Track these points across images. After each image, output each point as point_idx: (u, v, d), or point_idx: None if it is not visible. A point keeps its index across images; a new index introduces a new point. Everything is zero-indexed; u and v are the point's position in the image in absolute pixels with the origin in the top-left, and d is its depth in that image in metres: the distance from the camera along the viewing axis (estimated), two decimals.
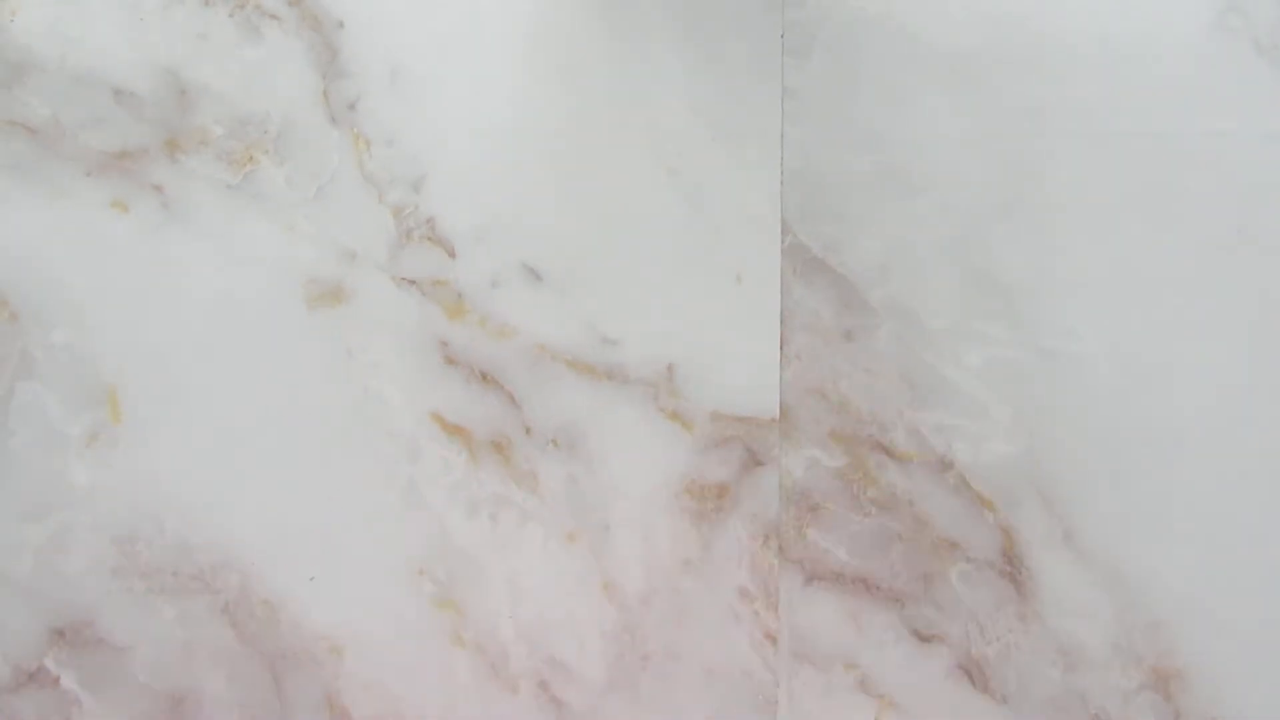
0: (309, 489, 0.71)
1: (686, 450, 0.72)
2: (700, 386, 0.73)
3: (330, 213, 0.73)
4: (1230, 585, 0.69)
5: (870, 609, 0.71)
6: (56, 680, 0.68)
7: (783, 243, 0.74)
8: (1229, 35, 0.74)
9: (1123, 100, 0.74)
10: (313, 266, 0.73)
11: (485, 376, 0.73)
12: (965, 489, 0.71)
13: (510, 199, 0.74)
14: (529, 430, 0.72)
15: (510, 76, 0.75)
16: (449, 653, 0.70)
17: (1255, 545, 0.70)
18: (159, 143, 0.73)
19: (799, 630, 0.71)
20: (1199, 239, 0.72)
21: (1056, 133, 0.74)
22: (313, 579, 0.70)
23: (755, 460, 0.72)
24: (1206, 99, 0.73)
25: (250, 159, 0.73)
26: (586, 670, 0.70)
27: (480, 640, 0.70)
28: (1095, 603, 0.70)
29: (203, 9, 0.74)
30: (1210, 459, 0.70)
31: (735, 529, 0.72)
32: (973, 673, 0.70)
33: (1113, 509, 0.70)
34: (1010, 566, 0.71)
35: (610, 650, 0.70)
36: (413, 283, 0.73)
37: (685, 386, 0.73)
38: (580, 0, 0.76)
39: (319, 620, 0.70)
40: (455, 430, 0.72)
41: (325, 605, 0.70)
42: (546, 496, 0.72)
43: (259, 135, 0.74)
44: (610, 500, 0.72)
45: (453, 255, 0.73)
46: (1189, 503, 0.70)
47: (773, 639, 0.71)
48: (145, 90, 0.73)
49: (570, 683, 0.70)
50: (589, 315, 0.73)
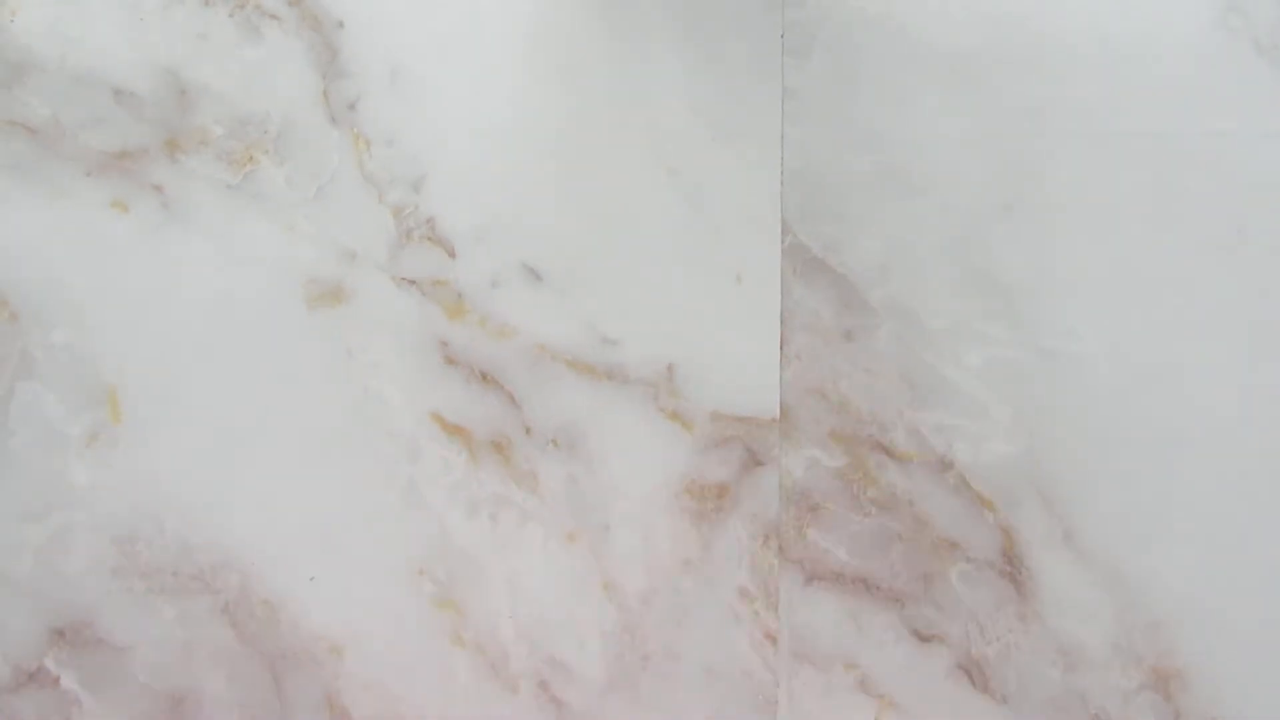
0: (309, 489, 0.71)
1: (686, 450, 0.72)
2: (700, 386, 0.73)
3: (330, 213, 0.73)
4: (1230, 585, 0.69)
5: (870, 609, 0.71)
6: (56, 680, 0.68)
7: (783, 243, 0.74)
8: (1229, 35, 0.74)
9: (1123, 100, 0.74)
10: (313, 266, 0.73)
11: (485, 376, 0.73)
12: (965, 489, 0.71)
13: (510, 199, 0.74)
14: (529, 430, 0.72)
15: (510, 76, 0.75)
16: (449, 653, 0.70)
17: (1255, 545, 0.70)
18: (159, 143, 0.73)
19: (799, 630, 0.71)
20: (1199, 239, 0.72)
21: (1056, 133, 0.74)
22: (313, 579, 0.70)
23: (755, 460, 0.72)
24: (1206, 99, 0.73)
25: (250, 159, 0.73)
26: (586, 670, 0.70)
27: (480, 640, 0.70)
28: (1095, 603, 0.70)
29: (203, 9, 0.74)
30: (1210, 459, 0.70)
31: (735, 529, 0.72)
32: (973, 673, 0.70)
33: (1113, 509, 0.70)
34: (1010, 566, 0.71)
35: (610, 650, 0.70)
36: (413, 283, 0.73)
37: (685, 386, 0.73)
38: (580, 0, 0.76)
39: (319, 620, 0.70)
40: (455, 430, 0.72)
41: (325, 605, 0.70)
42: (546, 496, 0.72)
43: (259, 135, 0.74)
44: (610, 500, 0.72)
45: (453, 255, 0.73)
46: (1189, 503, 0.70)
47: (773, 639, 0.71)
48: (145, 90, 0.73)
49: (570, 683, 0.70)
50: (589, 315, 0.73)
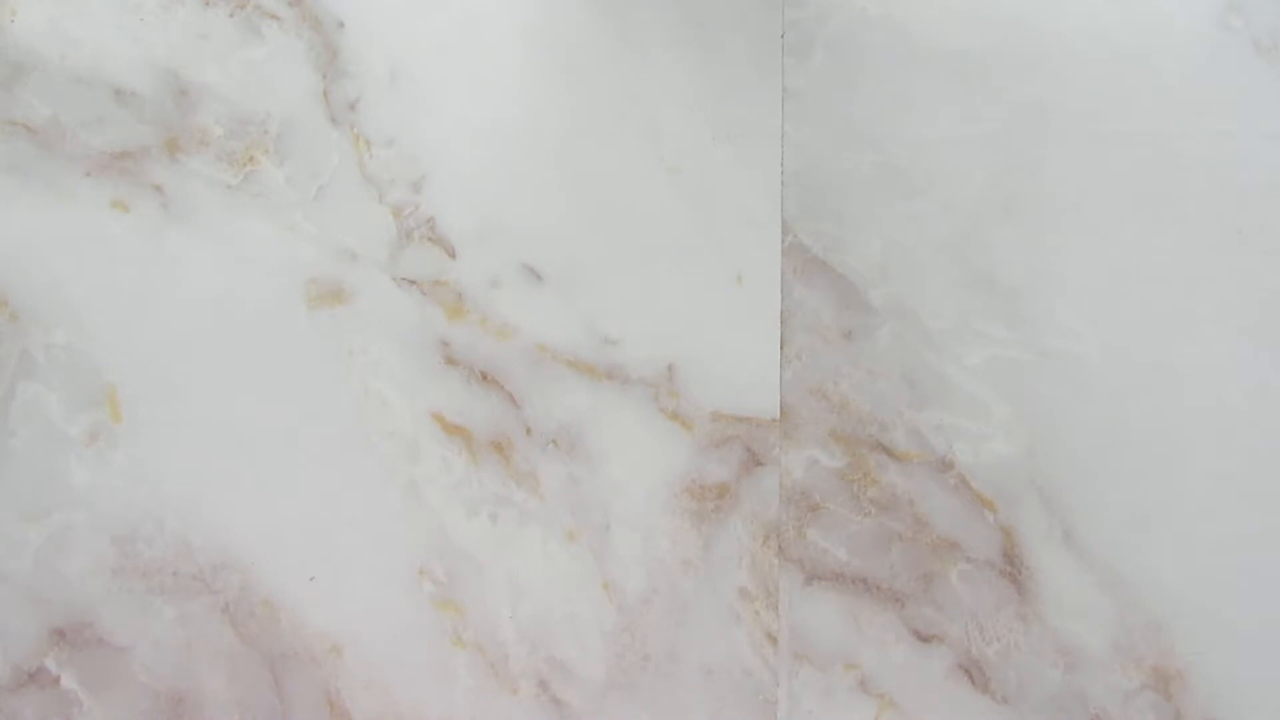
0: (309, 489, 0.71)
1: (686, 450, 0.72)
2: (700, 386, 0.73)
3: (330, 213, 0.73)
4: (1230, 585, 0.69)
5: (870, 609, 0.71)
6: (57, 680, 0.68)
7: (783, 243, 0.74)
8: (1229, 35, 0.74)
9: (1123, 100, 0.74)
10: (313, 266, 0.73)
11: (485, 376, 0.73)
12: (965, 489, 0.71)
13: (510, 199, 0.74)
14: (529, 430, 0.72)
15: (510, 77, 0.75)
16: (449, 653, 0.70)
17: (1255, 545, 0.70)
18: (159, 143, 0.73)
19: (799, 630, 0.71)
20: (1199, 239, 0.72)
21: (1056, 133, 0.74)
22: (313, 579, 0.70)
23: (755, 460, 0.72)
24: (1206, 99, 0.73)
25: (250, 159, 0.73)
26: (586, 670, 0.70)
27: (480, 640, 0.70)
28: (1095, 603, 0.70)
29: (203, 9, 0.74)
30: (1210, 459, 0.70)
31: (735, 529, 0.72)
32: (973, 673, 0.70)
33: (1113, 509, 0.70)
34: (1010, 566, 0.71)
35: (610, 650, 0.70)
36: (413, 283, 0.73)
37: (685, 386, 0.73)
38: (580, 0, 0.76)
39: (319, 620, 0.70)
40: (455, 430, 0.72)
41: (325, 605, 0.70)
42: (546, 496, 0.72)
43: (259, 135, 0.74)
44: (610, 500, 0.72)
45: (453, 255, 0.73)
46: (1189, 503, 0.70)
47: (773, 639, 0.71)
48: (146, 90, 0.73)
49: (570, 683, 0.70)
50: (589, 315, 0.73)
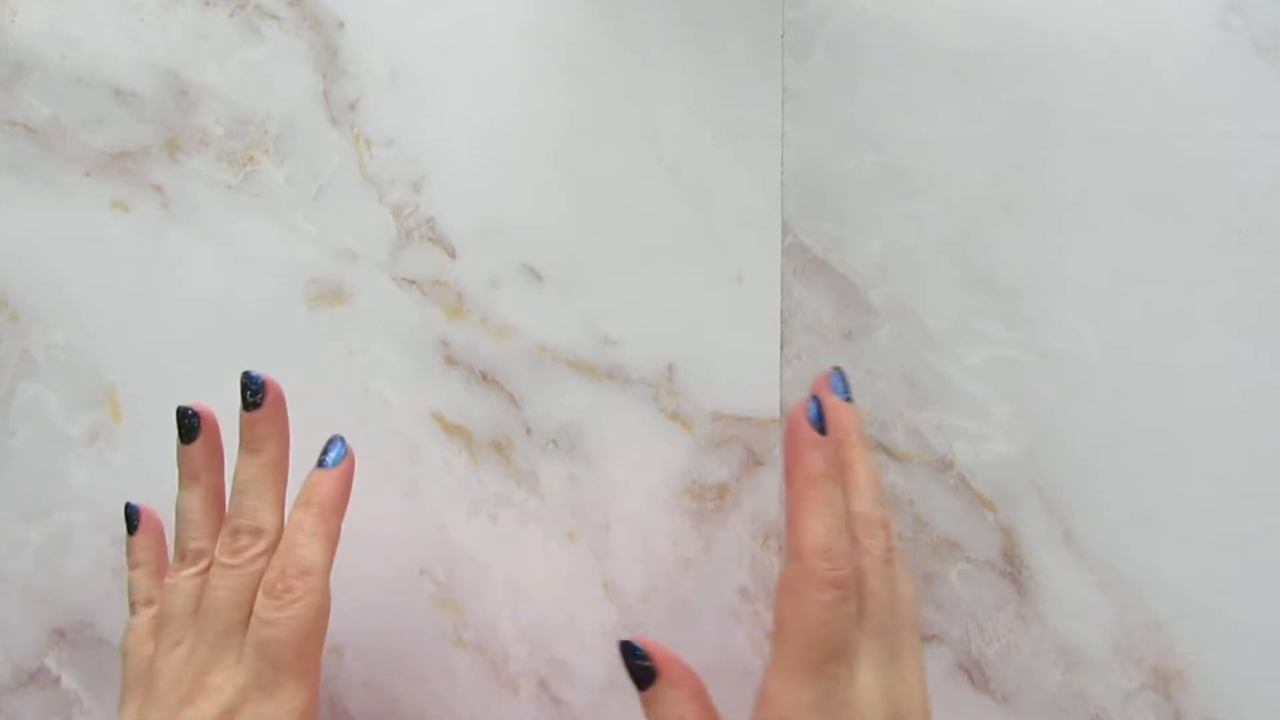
0: None
1: (687, 450, 0.72)
2: (700, 386, 0.73)
3: (330, 213, 0.73)
4: (1230, 585, 0.69)
5: None
6: (57, 680, 0.68)
7: (783, 243, 0.74)
8: (1229, 35, 0.74)
9: (1123, 100, 0.74)
10: (313, 266, 0.73)
11: (485, 376, 0.73)
12: (965, 489, 0.71)
13: (511, 199, 0.74)
14: (529, 430, 0.72)
15: (510, 76, 0.75)
16: (449, 653, 0.70)
17: (1255, 545, 0.70)
18: (159, 143, 0.73)
19: None
20: (1199, 239, 0.72)
21: (1056, 133, 0.74)
22: None
23: (755, 460, 0.72)
24: (1206, 99, 0.73)
25: (250, 159, 0.73)
26: (586, 670, 0.70)
27: (480, 640, 0.70)
28: (1095, 603, 0.70)
29: (203, 9, 0.74)
30: (1210, 459, 0.70)
31: (735, 529, 0.72)
32: (973, 673, 0.70)
33: (1113, 509, 0.70)
34: (1010, 566, 0.71)
35: (610, 650, 0.70)
36: (413, 283, 0.73)
37: (685, 386, 0.73)
38: (580, 1, 0.76)
39: None
40: (455, 430, 0.72)
41: None
42: (547, 496, 0.72)
43: (259, 135, 0.74)
44: (610, 500, 0.72)
45: (453, 255, 0.73)
46: (1189, 503, 0.70)
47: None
48: (146, 90, 0.73)
49: (570, 683, 0.70)
50: (589, 315, 0.73)
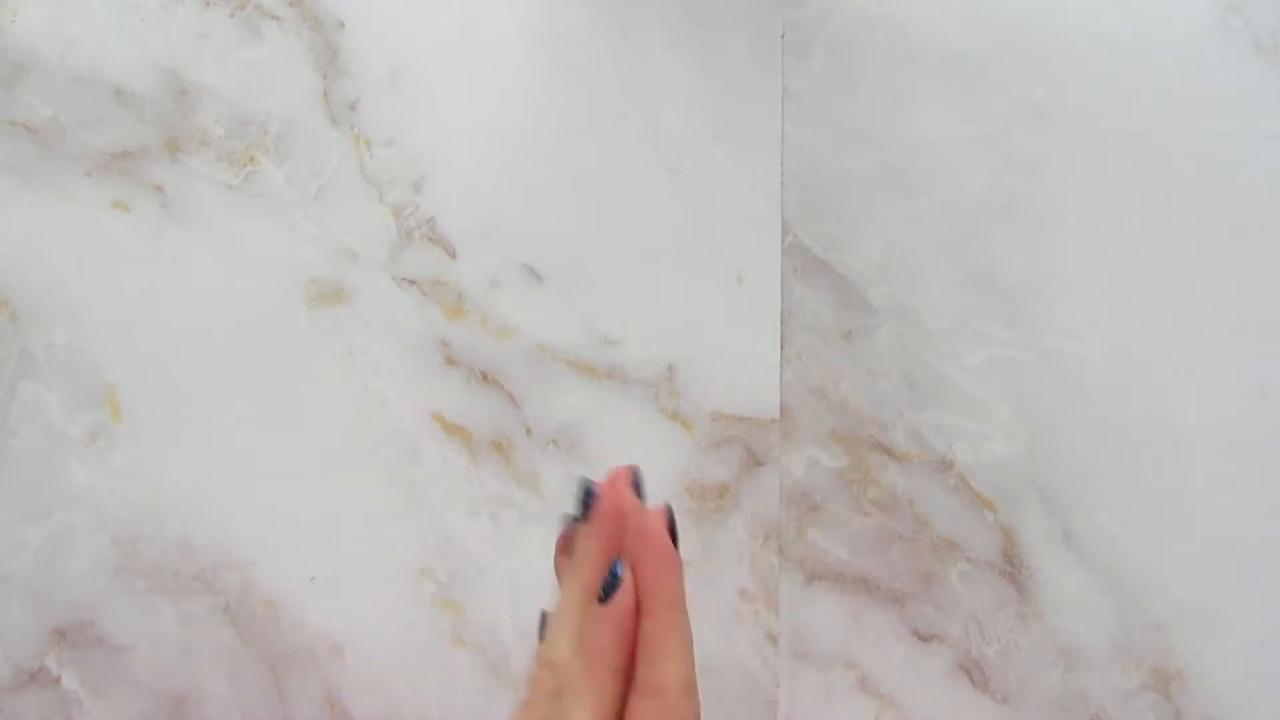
0: (309, 489, 0.71)
1: (687, 450, 0.72)
2: (700, 386, 0.73)
3: (331, 213, 0.73)
4: (1230, 585, 0.69)
5: (870, 609, 0.71)
6: (57, 680, 0.68)
7: (783, 243, 0.74)
8: (1229, 35, 0.74)
9: (1123, 100, 0.74)
10: (313, 266, 0.73)
11: (485, 376, 0.73)
12: (965, 489, 0.71)
13: (511, 199, 0.74)
14: (529, 430, 0.72)
15: (510, 76, 0.75)
16: (449, 653, 0.70)
17: (1255, 545, 0.70)
18: (159, 143, 0.73)
19: (799, 630, 0.71)
20: (1199, 239, 0.72)
21: (1056, 133, 0.74)
22: (313, 579, 0.70)
23: (755, 460, 0.72)
24: (1206, 99, 0.73)
25: (250, 159, 0.73)
26: None
27: (480, 640, 0.70)
28: (1095, 603, 0.70)
29: (203, 9, 0.74)
30: (1210, 459, 0.70)
31: (735, 529, 0.72)
32: (973, 673, 0.70)
33: (1113, 509, 0.70)
34: (1010, 566, 0.71)
35: None
36: (413, 283, 0.73)
37: (685, 386, 0.73)
38: (580, 1, 0.76)
39: (319, 620, 0.70)
40: (455, 430, 0.72)
41: (326, 605, 0.70)
42: (547, 496, 0.72)
43: (259, 135, 0.74)
44: None
45: (453, 255, 0.73)
46: (1189, 503, 0.70)
47: (773, 639, 0.71)
48: (146, 90, 0.73)
49: None
50: (589, 315, 0.73)
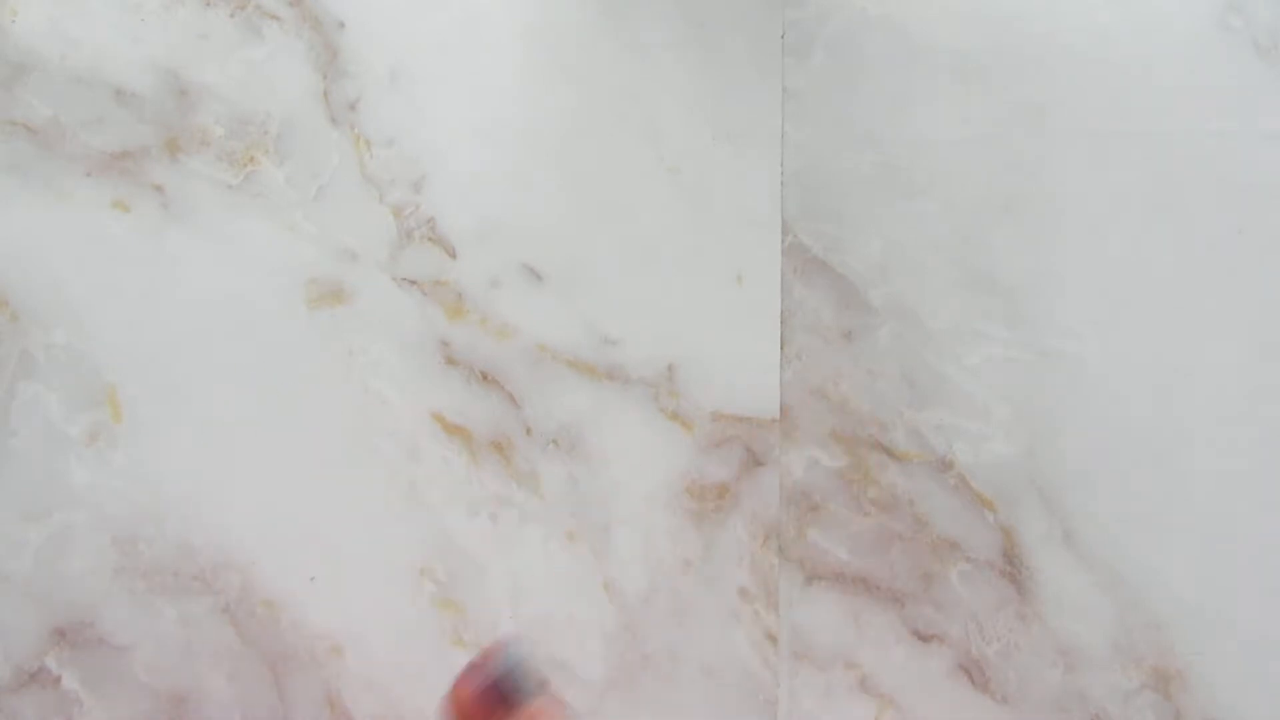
0: (309, 489, 0.71)
1: (687, 450, 0.72)
2: (700, 386, 0.73)
3: (331, 213, 0.73)
4: (1230, 585, 0.69)
5: (870, 609, 0.71)
6: (58, 680, 0.68)
7: (783, 243, 0.74)
8: (1229, 35, 0.74)
9: (1123, 100, 0.74)
10: (313, 266, 0.73)
11: (486, 376, 0.73)
12: (965, 489, 0.71)
13: (511, 199, 0.74)
14: (529, 430, 0.72)
15: (510, 76, 0.75)
16: (449, 653, 0.70)
17: (1255, 545, 0.70)
18: (159, 143, 0.73)
19: (799, 630, 0.71)
20: (1199, 239, 0.72)
21: (1056, 133, 0.74)
22: (313, 579, 0.70)
23: (755, 460, 0.72)
24: (1206, 99, 0.73)
25: (250, 159, 0.73)
26: (586, 670, 0.70)
27: (480, 640, 0.70)
28: (1095, 603, 0.70)
29: (203, 9, 0.74)
30: (1210, 459, 0.70)
31: (735, 529, 0.72)
32: (973, 673, 0.70)
33: (1113, 509, 0.70)
34: (1010, 566, 0.71)
35: (610, 650, 0.70)
36: (413, 283, 0.73)
37: (685, 386, 0.73)
38: (580, 1, 0.76)
39: (319, 620, 0.70)
40: (455, 430, 0.72)
41: (326, 605, 0.70)
42: (547, 496, 0.72)
43: (259, 135, 0.74)
44: (610, 500, 0.72)
45: (453, 255, 0.73)
46: (1189, 503, 0.70)
47: (773, 639, 0.71)
48: (146, 90, 0.73)
49: (570, 683, 0.70)
50: (589, 315, 0.73)
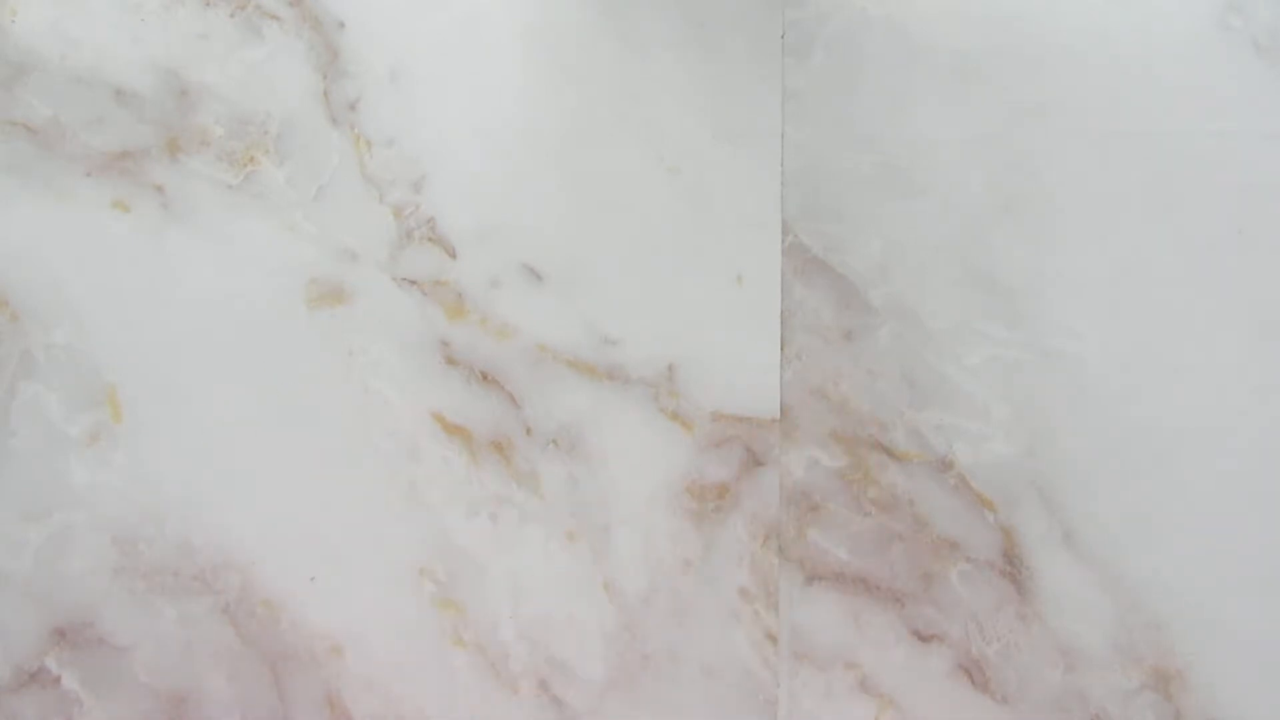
0: (309, 489, 0.71)
1: (687, 450, 0.72)
2: (700, 386, 0.73)
3: (331, 213, 0.73)
4: (1230, 585, 0.69)
5: (870, 609, 0.71)
6: (58, 680, 0.68)
7: (783, 243, 0.74)
8: (1229, 35, 0.74)
9: (1123, 100, 0.74)
10: (313, 266, 0.73)
11: (486, 376, 0.73)
12: (965, 489, 0.71)
13: (511, 199, 0.74)
14: (529, 430, 0.72)
15: (510, 76, 0.75)
16: (449, 653, 0.70)
17: (1255, 545, 0.70)
18: (159, 143, 0.73)
19: (799, 630, 0.71)
20: (1199, 239, 0.72)
21: (1056, 133, 0.74)
22: (313, 579, 0.70)
23: (755, 460, 0.72)
24: (1206, 99, 0.73)
25: (250, 159, 0.73)
26: (586, 670, 0.70)
27: (480, 640, 0.70)
28: (1095, 603, 0.70)
29: (203, 9, 0.74)
30: (1210, 459, 0.70)
31: (735, 529, 0.72)
32: (973, 673, 0.70)
33: (1113, 509, 0.70)
34: (1010, 566, 0.71)
35: (610, 650, 0.70)
36: (413, 283, 0.73)
37: (685, 386, 0.73)
38: (580, 0, 0.76)
39: (319, 620, 0.70)
40: (455, 430, 0.72)
41: (325, 605, 0.70)
42: (547, 496, 0.72)
43: (259, 135, 0.74)
44: (610, 500, 0.72)
45: (453, 255, 0.73)
46: (1189, 503, 0.70)
47: (773, 639, 0.71)
48: (146, 90, 0.73)
49: (570, 683, 0.70)
50: (589, 315, 0.73)
